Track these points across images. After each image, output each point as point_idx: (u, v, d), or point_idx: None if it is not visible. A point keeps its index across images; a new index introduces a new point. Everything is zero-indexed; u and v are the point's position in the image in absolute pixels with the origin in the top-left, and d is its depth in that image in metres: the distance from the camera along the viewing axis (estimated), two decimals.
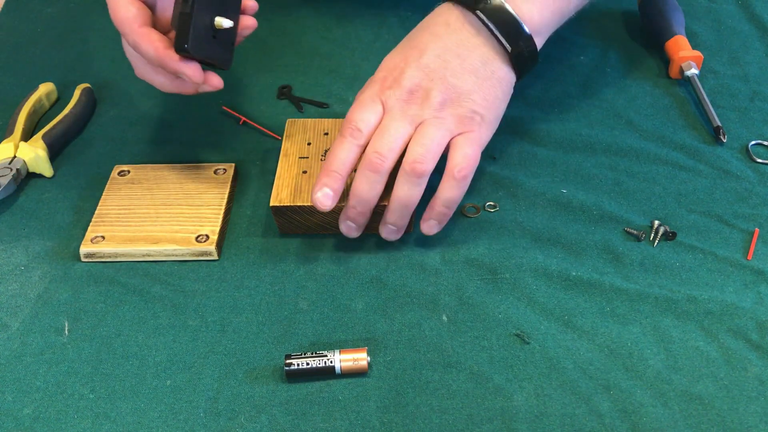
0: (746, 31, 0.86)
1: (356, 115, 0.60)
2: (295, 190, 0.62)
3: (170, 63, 0.58)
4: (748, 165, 0.70)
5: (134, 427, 0.53)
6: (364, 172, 0.59)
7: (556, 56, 0.83)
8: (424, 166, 0.58)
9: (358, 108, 0.60)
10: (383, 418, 0.53)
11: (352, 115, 0.60)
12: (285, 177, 0.64)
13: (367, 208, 0.60)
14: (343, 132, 0.59)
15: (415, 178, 0.58)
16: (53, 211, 0.68)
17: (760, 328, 0.57)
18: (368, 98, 0.61)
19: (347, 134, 0.59)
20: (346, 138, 0.59)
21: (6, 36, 0.89)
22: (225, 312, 0.59)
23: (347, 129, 0.59)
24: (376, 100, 0.60)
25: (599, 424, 0.52)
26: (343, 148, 0.59)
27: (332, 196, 0.59)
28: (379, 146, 0.59)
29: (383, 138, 0.59)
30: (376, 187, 0.59)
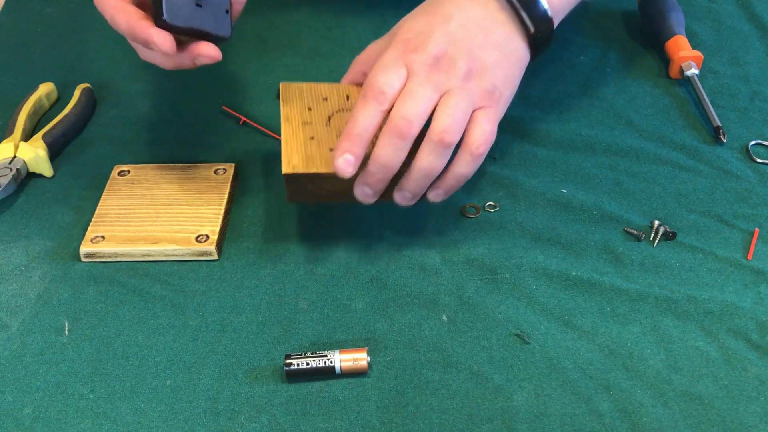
0: (746, 31, 0.86)
1: (380, 78, 0.57)
2: (307, 157, 0.59)
3: (140, 32, 0.55)
4: (748, 165, 0.70)
5: (134, 427, 0.52)
6: (389, 138, 0.56)
7: (556, 56, 0.83)
8: (452, 136, 0.56)
9: (382, 70, 0.57)
10: (383, 418, 0.53)
11: (375, 78, 0.57)
12: (292, 143, 0.60)
13: (388, 175, 0.57)
14: (366, 95, 0.56)
15: (442, 149, 0.56)
16: (53, 211, 0.68)
17: (760, 328, 0.57)
18: (391, 61, 0.58)
19: (371, 98, 0.56)
20: (370, 102, 0.56)
21: (6, 36, 0.89)
22: (225, 312, 0.59)
23: (371, 92, 0.56)
24: (399, 63, 0.57)
25: (599, 424, 0.52)
26: (367, 112, 0.56)
27: (354, 162, 0.56)
28: (405, 111, 0.56)
29: (410, 103, 0.56)
30: (401, 154, 0.56)
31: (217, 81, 0.81)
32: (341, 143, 0.56)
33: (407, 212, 0.66)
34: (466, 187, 0.68)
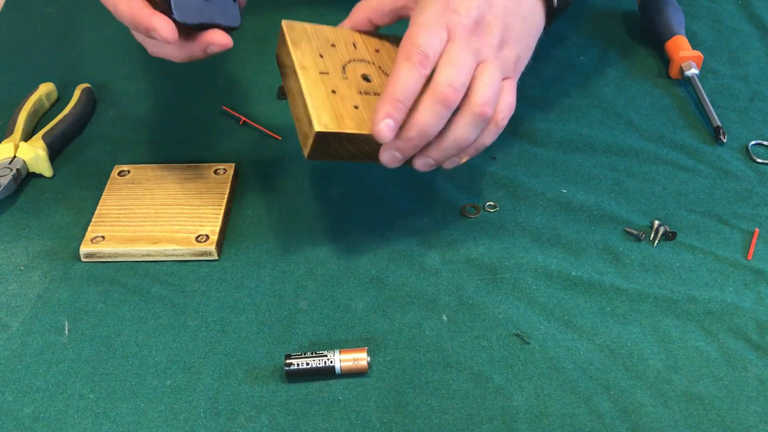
0: (746, 31, 0.86)
1: (423, 40, 0.54)
2: (337, 115, 0.56)
3: (142, 21, 0.54)
4: (748, 165, 0.70)
5: (134, 427, 0.52)
6: (433, 105, 0.54)
7: (556, 56, 0.83)
8: (492, 109, 0.55)
9: (424, 31, 0.55)
10: (383, 418, 0.53)
11: (418, 38, 0.54)
12: (317, 97, 0.56)
13: (424, 142, 0.56)
14: (410, 57, 0.54)
15: (482, 121, 0.55)
16: (53, 211, 0.68)
17: (760, 328, 0.57)
18: (433, 22, 0.55)
19: (416, 61, 0.54)
20: (415, 66, 0.54)
21: (6, 36, 0.89)
22: (225, 312, 0.59)
23: (415, 55, 0.54)
24: (441, 24, 0.55)
25: (599, 424, 0.52)
26: (411, 76, 0.54)
27: (394, 127, 0.54)
28: (451, 78, 0.54)
29: (454, 70, 0.54)
30: (442, 123, 0.55)
31: (217, 81, 0.81)
32: (383, 106, 0.53)
33: (407, 212, 0.66)
34: (466, 187, 0.68)
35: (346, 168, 0.71)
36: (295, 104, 0.58)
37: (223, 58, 0.83)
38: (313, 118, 0.54)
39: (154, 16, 0.54)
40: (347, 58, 0.60)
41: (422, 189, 0.68)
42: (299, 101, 0.57)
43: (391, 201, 0.67)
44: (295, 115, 0.58)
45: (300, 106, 0.57)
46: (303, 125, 0.56)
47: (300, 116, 0.57)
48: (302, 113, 0.56)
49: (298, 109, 0.57)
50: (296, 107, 0.58)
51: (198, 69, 0.83)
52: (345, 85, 0.58)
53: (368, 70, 0.61)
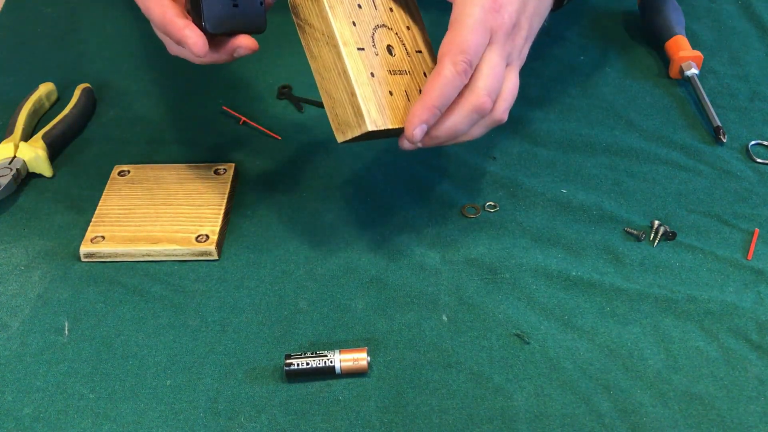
0: (746, 31, 0.86)
1: (472, 45, 0.53)
2: (380, 107, 0.54)
3: (174, 31, 0.55)
4: (748, 165, 0.70)
5: (134, 427, 0.52)
6: (470, 113, 0.55)
7: (556, 56, 0.83)
8: (506, 116, 0.57)
9: (474, 35, 0.53)
10: (383, 418, 0.53)
11: (468, 43, 0.53)
12: (362, 84, 0.54)
13: (451, 142, 0.57)
14: (456, 65, 0.53)
15: (494, 126, 0.57)
16: (53, 211, 0.68)
17: (760, 328, 0.57)
18: (480, 24, 0.54)
19: (461, 70, 0.53)
20: (459, 75, 0.53)
21: (6, 36, 0.89)
22: (225, 312, 0.59)
23: (461, 63, 0.53)
24: (486, 26, 0.54)
25: (599, 424, 0.52)
26: (453, 85, 0.53)
27: (426, 130, 0.54)
28: (490, 88, 0.54)
29: (494, 79, 0.55)
30: (471, 127, 0.56)
31: (217, 81, 0.81)
32: (421, 112, 0.53)
33: (407, 212, 0.66)
34: (466, 187, 0.68)
35: (347, 168, 0.71)
36: (328, 79, 0.55)
37: None
38: (363, 113, 0.53)
39: (187, 28, 0.54)
40: (373, 25, 0.57)
41: (422, 189, 0.68)
42: (338, 80, 0.54)
43: (391, 201, 0.67)
44: (326, 89, 0.56)
45: (339, 86, 0.55)
46: (342, 109, 0.55)
47: (337, 96, 0.55)
48: (343, 96, 0.54)
49: (331, 86, 0.55)
50: (329, 83, 0.55)
51: (198, 69, 0.82)
52: (378, 63, 0.56)
53: (390, 40, 0.58)
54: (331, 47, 0.54)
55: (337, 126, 0.56)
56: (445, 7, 0.56)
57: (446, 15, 0.56)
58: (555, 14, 0.89)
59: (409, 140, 0.55)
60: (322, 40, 0.55)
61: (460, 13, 0.54)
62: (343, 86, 0.54)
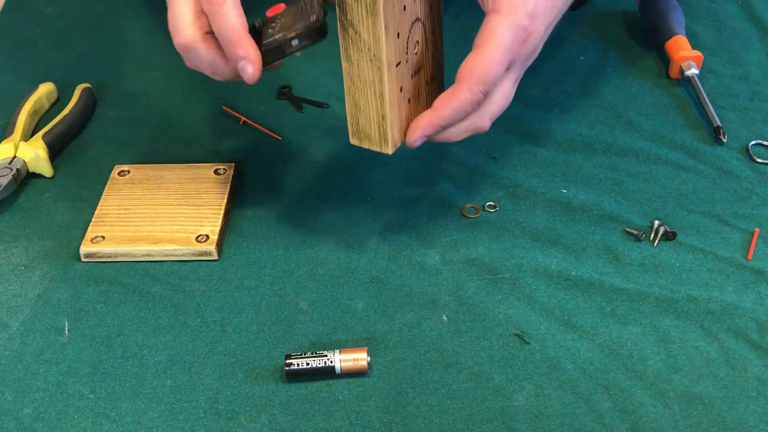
0: (746, 31, 0.86)
1: (494, 77, 0.54)
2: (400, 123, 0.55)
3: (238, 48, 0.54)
4: (748, 165, 0.70)
5: (134, 427, 0.52)
6: (468, 132, 0.57)
7: (556, 56, 0.83)
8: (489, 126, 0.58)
9: (498, 66, 0.54)
10: (383, 418, 0.53)
11: (490, 75, 0.54)
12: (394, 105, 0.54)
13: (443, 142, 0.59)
14: (474, 93, 0.54)
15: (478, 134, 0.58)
16: (53, 211, 0.68)
17: (760, 328, 0.57)
18: (506, 54, 0.54)
19: (476, 100, 0.54)
20: (474, 102, 0.54)
21: (6, 36, 0.89)
22: (225, 312, 0.59)
23: (478, 93, 0.54)
24: (510, 56, 0.55)
25: (599, 424, 0.52)
26: (465, 110, 0.55)
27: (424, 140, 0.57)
28: (495, 114, 0.57)
29: (501, 106, 0.57)
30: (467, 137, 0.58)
31: (217, 81, 0.81)
32: (426, 128, 0.55)
33: (407, 212, 0.66)
34: (466, 187, 0.68)
35: (347, 168, 0.71)
36: (360, 90, 0.54)
37: None
38: (388, 137, 0.55)
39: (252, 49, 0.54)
40: (410, 25, 0.54)
41: (422, 189, 0.68)
42: (371, 97, 0.54)
43: (391, 201, 0.67)
44: (353, 96, 0.55)
45: (371, 103, 0.54)
46: (366, 122, 0.55)
47: (364, 110, 0.55)
48: (371, 113, 0.54)
49: (361, 97, 0.54)
50: (360, 93, 0.54)
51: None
52: (406, 72, 0.55)
53: (419, 34, 0.56)
54: (373, 65, 0.52)
55: (355, 131, 0.56)
56: None
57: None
58: None
59: (407, 146, 0.57)
60: (366, 53, 0.52)
61: (489, 38, 0.54)
62: (375, 106, 0.54)
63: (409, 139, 0.56)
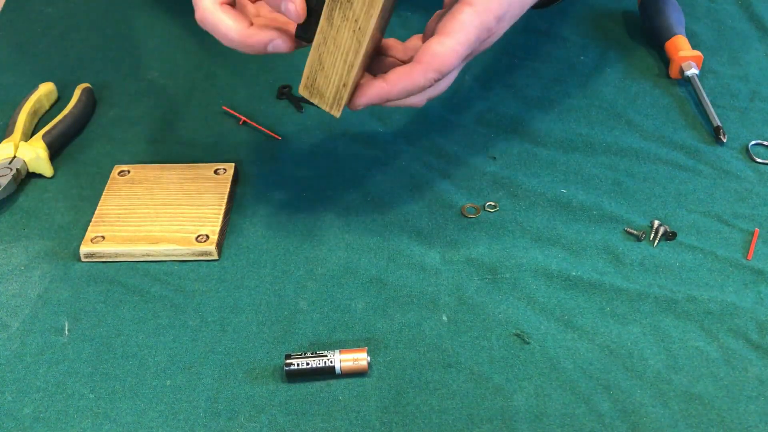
0: (746, 31, 0.86)
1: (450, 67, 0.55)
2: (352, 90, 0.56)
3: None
4: (748, 165, 0.70)
5: (134, 427, 0.52)
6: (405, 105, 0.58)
7: (556, 56, 0.83)
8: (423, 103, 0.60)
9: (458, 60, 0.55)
10: (383, 418, 0.53)
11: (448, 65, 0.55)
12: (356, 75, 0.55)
13: None
14: (428, 79, 0.55)
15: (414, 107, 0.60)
16: (53, 211, 0.68)
17: (760, 328, 0.57)
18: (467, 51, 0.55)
19: (428, 85, 0.55)
20: (425, 87, 0.55)
21: (6, 36, 0.89)
22: (225, 312, 0.59)
23: (432, 79, 0.55)
24: (469, 52, 0.56)
25: (599, 424, 0.52)
26: (417, 90, 0.56)
27: None
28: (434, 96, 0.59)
29: (441, 90, 0.59)
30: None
31: (217, 81, 0.81)
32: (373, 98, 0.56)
33: (407, 212, 0.66)
34: (466, 187, 0.68)
35: (347, 168, 0.71)
36: (330, 52, 0.54)
37: (224, 58, 0.83)
38: (343, 103, 0.56)
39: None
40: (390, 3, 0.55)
41: (422, 189, 0.68)
42: (339, 62, 0.54)
43: (391, 201, 0.67)
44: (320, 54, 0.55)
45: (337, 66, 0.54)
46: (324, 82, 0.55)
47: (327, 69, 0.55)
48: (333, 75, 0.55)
49: (328, 58, 0.54)
50: (329, 55, 0.54)
51: (198, 69, 0.83)
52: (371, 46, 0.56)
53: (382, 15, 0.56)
54: (354, 37, 0.53)
55: (308, 85, 0.56)
56: None
57: None
58: (556, 14, 0.89)
59: (350, 108, 0.57)
60: (352, 23, 0.53)
61: (456, 29, 0.54)
62: (341, 72, 0.54)
63: (354, 102, 0.56)
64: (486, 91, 0.79)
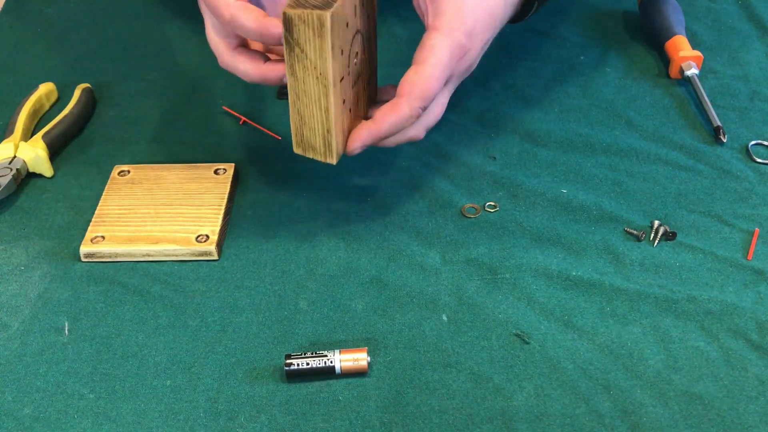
0: (746, 31, 0.86)
1: (432, 93, 0.56)
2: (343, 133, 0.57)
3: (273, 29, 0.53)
4: (748, 165, 0.70)
5: (134, 427, 0.52)
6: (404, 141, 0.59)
7: (556, 56, 0.83)
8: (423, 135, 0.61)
9: (437, 83, 0.56)
10: (383, 418, 0.53)
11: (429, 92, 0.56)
12: (338, 120, 0.55)
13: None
14: (413, 109, 0.56)
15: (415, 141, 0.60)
16: (53, 211, 0.68)
17: (760, 328, 0.57)
18: (445, 72, 0.56)
19: (415, 114, 0.56)
20: (413, 117, 0.56)
21: (6, 36, 0.89)
22: (225, 312, 0.59)
23: (417, 109, 0.56)
24: (449, 72, 0.57)
25: (599, 424, 0.52)
26: (404, 124, 0.57)
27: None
28: (430, 124, 0.60)
29: (436, 117, 0.60)
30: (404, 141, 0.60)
31: (217, 81, 0.81)
32: (366, 138, 0.57)
33: (407, 212, 0.66)
34: (466, 187, 0.68)
35: (347, 168, 0.71)
36: (305, 104, 0.55)
37: None
38: (333, 149, 0.57)
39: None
40: (351, 37, 0.55)
41: (422, 189, 0.68)
42: (316, 112, 0.55)
43: (391, 201, 0.67)
44: (299, 109, 0.56)
45: (316, 117, 0.55)
46: (311, 134, 0.57)
47: (309, 123, 0.56)
48: (317, 126, 0.56)
49: (306, 111, 0.56)
50: (305, 107, 0.55)
51: (198, 69, 0.83)
52: (348, 83, 0.56)
53: (358, 45, 0.57)
54: (319, 83, 0.53)
55: (299, 142, 0.58)
56: None
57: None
58: (556, 14, 0.89)
59: (347, 154, 0.58)
60: (312, 71, 0.53)
61: (429, 55, 0.56)
62: (321, 120, 0.55)
63: (349, 147, 0.58)
64: (486, 91, 0.79)
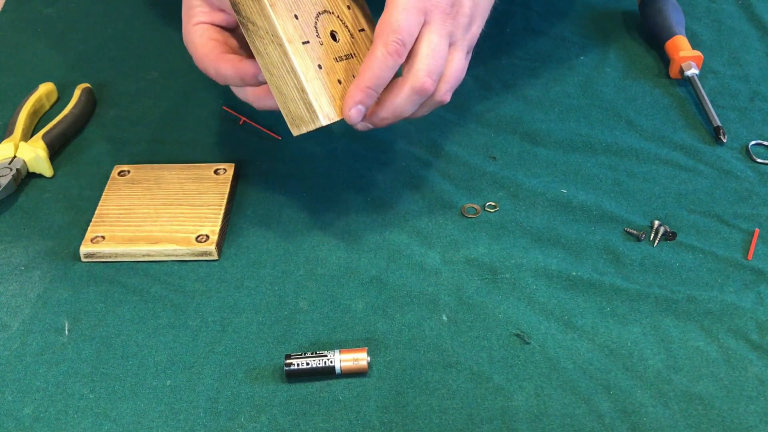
0: (746, 31, 0.86)
1: (403, 26, 0.53)
2: (330, 98, 0.55)
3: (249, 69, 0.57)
4: (748, 165, 0.70)
5: (134, 427, 0.52)
6: (412, 94, 0.56)
7: (556, 56, 0.83)
8: (449, 97, 0.58)
9: (404, 15, 0.54)
10: (383, 418, 0.53)
11: (399, 23, 0.53)
12: (311, 79, 0.54)
13: (397, 121, 0.58)
14: (387, 45, 0.53)
15: (437, 107, 0.58)
16: (53, 211, 0.68)
17: (760, 328, 0.57)
18: (413, 5, 0.54)
19: (393, 51, 0.53)
20: (392, 55, 0.54)
21: (6, 36, 0.89)
22: (225, 312, 0.59)
23: (392, 44, 0.53)
24: (420, 7, 0.54)
25: (599, 424, 0.52)
26: (386, 65, 0.54)
27: (364, 111, 0.55)
28: (431, 69, 0.55)
29: (434, 60, 0.55)
30: (416, 107, 0.57)
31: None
32: (355, 94, 0.54)
33: (407, 212, 0.66)
34: (466, 187, 0.68)
35: (347, 168, 0.71)
36: (278, 76, 0.55)
37: None
38: (315, 109, 0.54)
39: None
40: (314, 13, 0.57)
41: (422, 189, 0.68)
42: (287, 77, 0.55)
43: (391, 201, 0.67)
44: (276, 85, 0.56)
45: (289, 83, 0.55)
46: (294, 105, 0.55)
47: (287, 93, 0.55)
48: (293, 93, 0.55)
49: (281, 83, 0.55)
50: (279, 80, 0.55)
51: (198, 69, 0.83)
52: (324, 53, 0.56)
53: (333, 25, 0.58)
54: (276, 45, 0.54)
55: (291, 120, 0.56)
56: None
57: None
58: (556, 14, 0.89)
59: (347, 121, 0.55)
60: (267, 38, 0.54)
61: None
62: (293, 83, 0.55)
63: (344, 111, 0.55)
64: (486, 91, 0.79)
